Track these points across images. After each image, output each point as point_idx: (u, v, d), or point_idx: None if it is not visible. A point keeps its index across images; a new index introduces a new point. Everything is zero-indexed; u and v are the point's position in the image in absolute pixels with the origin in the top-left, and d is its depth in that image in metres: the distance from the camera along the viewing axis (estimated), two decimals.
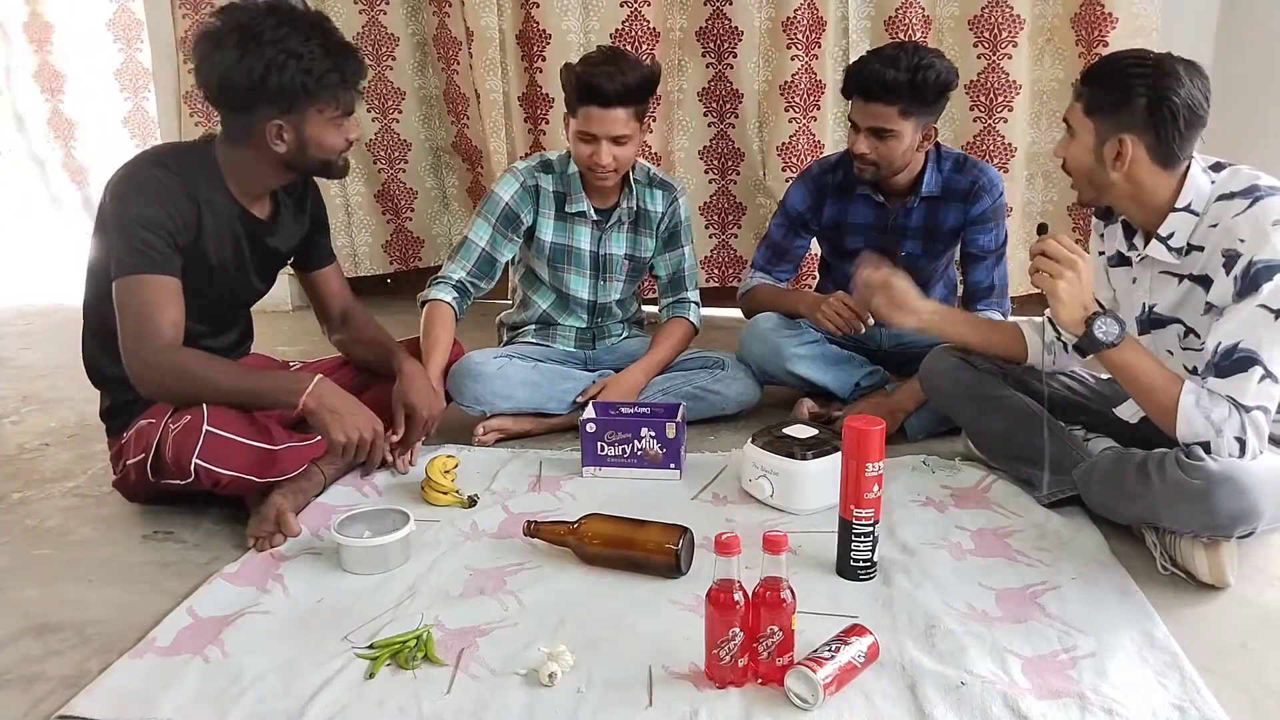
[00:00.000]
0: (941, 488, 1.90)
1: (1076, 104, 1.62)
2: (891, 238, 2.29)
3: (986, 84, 2.94)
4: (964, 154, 2.29)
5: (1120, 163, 1.56)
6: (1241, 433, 1.48)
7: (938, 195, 2.25)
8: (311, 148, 1.72)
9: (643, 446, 1.97)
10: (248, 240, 1.82)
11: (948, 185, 2.24)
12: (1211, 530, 1.49)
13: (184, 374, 1.64)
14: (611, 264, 2.34)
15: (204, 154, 1.76)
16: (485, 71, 3.13)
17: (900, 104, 2.06)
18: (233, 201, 1.77)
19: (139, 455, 1.73)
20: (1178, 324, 1.64)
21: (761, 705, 1.22)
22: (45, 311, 3.78)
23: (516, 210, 2.25)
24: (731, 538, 1.23)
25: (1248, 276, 1.47)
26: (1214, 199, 1.56)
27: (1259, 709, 1.23)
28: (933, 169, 2.23)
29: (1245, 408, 1.48)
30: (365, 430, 1.68)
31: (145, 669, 1.33)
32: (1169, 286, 1.64)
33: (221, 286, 1.81)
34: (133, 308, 1.63)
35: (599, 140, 2.10)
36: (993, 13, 2.87)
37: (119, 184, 1.68)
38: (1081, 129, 1.60)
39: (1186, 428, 1.51)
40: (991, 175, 2.24)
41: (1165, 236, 1.59)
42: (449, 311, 2.22)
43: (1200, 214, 1.56)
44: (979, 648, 1.33)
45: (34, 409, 2.58)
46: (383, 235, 3.65)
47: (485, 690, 1.27)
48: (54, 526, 1.84)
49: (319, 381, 1.67)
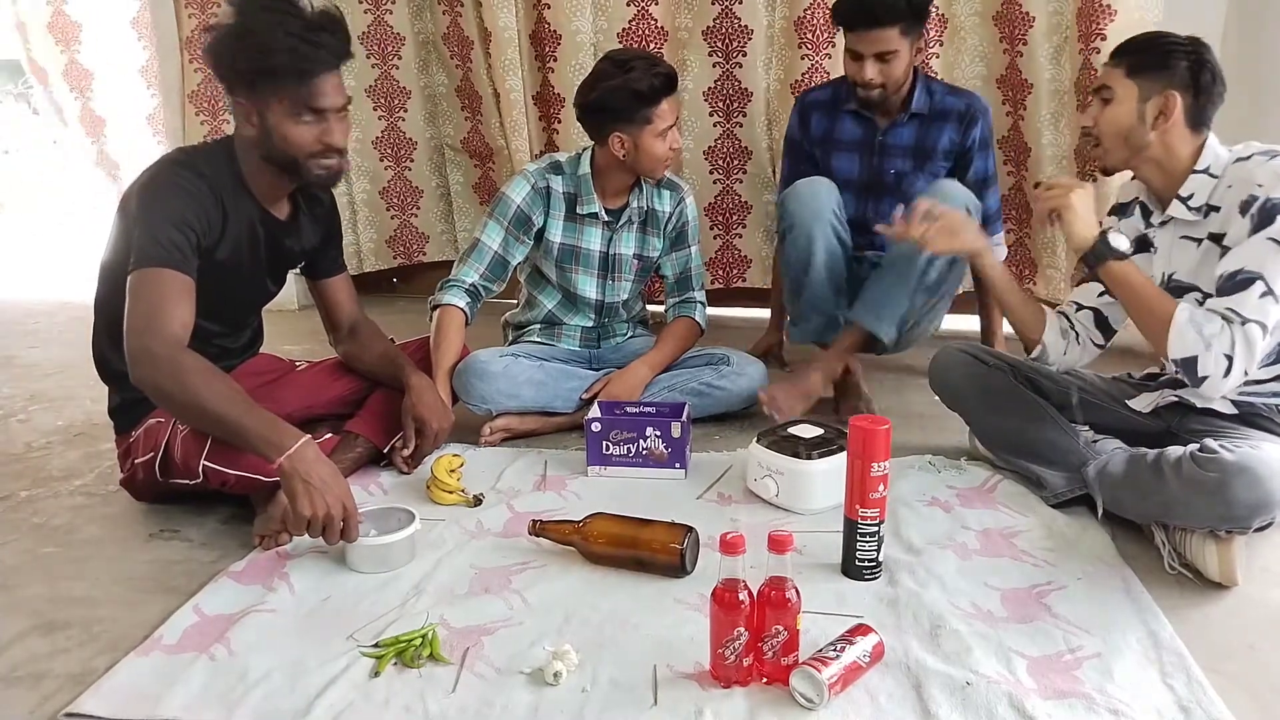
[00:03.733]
0: (947, 487, 1.90)
1: (1115, 69, 1.68)
2: (880, 156, 2.37)
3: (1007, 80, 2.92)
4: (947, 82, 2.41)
5: (1164, 118, 1.62)
6: (1230, 349, 1.52)
7: (927, 114, 2.32)
8: (276, 139, 1.67)
9: (648, 446, 1.97)
10: (266, 240, 1.82)
11: (941, 106, 2.32)
12: (1229, 523, 1.49)
13: (178, 377, 1.56)
14: (621, 264, 2.34)
15: (227, 155, 1.75)
16: (504, 71, 3.15)
17: (902, 23, 2.15)
18: (254, 202, 1.78)
19: (148, 454, 1.74)
20: (1195, 290, 1.67)
21: (766, 705, 1.22)
22: (53, 310, 3.79)
23: (528, 213, 2.26)
24: (736, 537, 1.23)
25: (1262, 212, 1.52)
26: (1231, 162, 1.62)
27: (1265, 709, 1.22)
28: (922, 87, 2.31)
29: (1242, 318, 1.52)
30: (334, 508, 1.53)
31: (152, 667, 1.34)
32: (1188, 251, 1.68)
33: (238, 287, 1.82)
34: (146, 297, 1.61)
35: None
36: (1009, 9, 2.85)
37: (147, 185, 1.68)
38: (1124, 89, 1.66)
39: (1178, 341, 1.55)
40: (983, 100, 2.36)
41: (1185, 197, 1.65)
42: (461, 316, 2.22)
43: (1219, 176, 1.63)
44: (984, 648, 1.33)
45: (41, 407, 2.59)
46: (387, 231, 3.69)
47: (490, 689, 1.27)
48: (61, 525, 1.85)
49: (303, 445, 1.55)
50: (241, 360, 1.96)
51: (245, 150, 1.74)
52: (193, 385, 1.56)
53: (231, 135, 1.78)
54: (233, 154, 1.75)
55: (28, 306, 3.92)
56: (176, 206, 1.65)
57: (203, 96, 3.42)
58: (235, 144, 1.76)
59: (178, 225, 1.64)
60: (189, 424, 1.66)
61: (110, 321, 1.77)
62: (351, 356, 2.07)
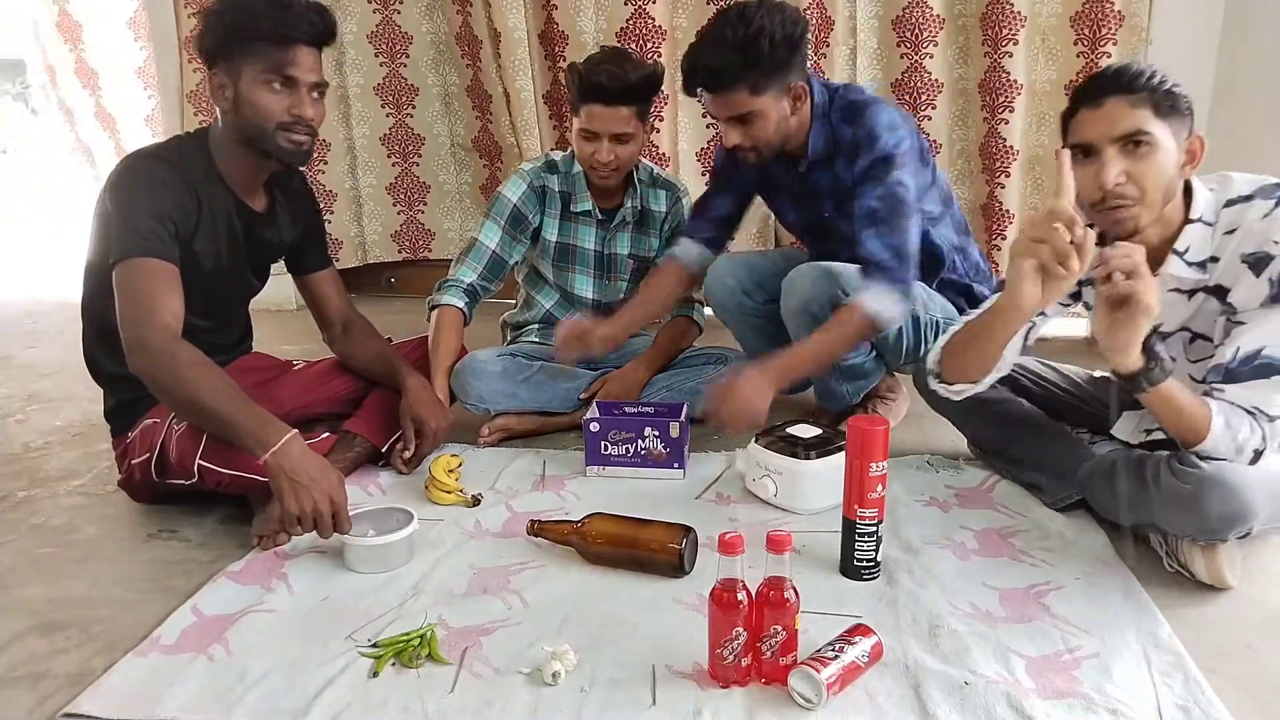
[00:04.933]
0: (945, 487, 1.90)
1: (1139, 110, 1.42)
2: (810, 200, 2.10)
3: (990, 84, 2.93)
4: (865, 98, 1.94)
5: (1191, 166, 1.46)
6: (1262, 444, 1.44)
7: (827, 155, 1.98)
8: (245, 107, 1.66)
9: (646, 446, 1.97)
10: (244, 232, 1.82)
11: (839, 138, 1.95)
12: (1205, 534, 1.47)
13: (173, 369, 1.57)
14: (616, 264, 2.34)
15: (199, 145, 1.76)
16: (515, 71, 3.18)
17: (745, 84, 1.83)
18: (228, 192, 1.77)
19: (143, 455, 1.73)
20: (1184, 332, 1.59)
21: (765, 705, 1.22)
22: (51, 310, 3.79)
23: (524, 211, 2.26)
24: (735, 537, 1.23)
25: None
26: (1222, 205, 1.48)
27: (1264, 709, 1.22)
28: (820, 126, 1.96)
29: (1270, 417, 1.43)
30: (321, 503, 1.54)
31: (150, 667, 1.34)
32: (1178, 305, 1.56)
33: (218, 280, 1.80)
34: (133, 290, 1.61)
35: (601, 138, 2.10)
36: (996, 9, 2.86)
37: (119, 178, 1.68)
38: (1161, 133, 1.42)
39: (1211, 448, 1.45)
40: (872, 126, 1.88)
41: (1182, 251, 1.49)
42: (459, 316, 2.22)
43: (1213, 224, 1.49)
44: (983, 648, 1.33)
45: (39, 407, 2.59)
46: (393, 225, 3.73)
47: (489, 689, 1.27)
48: (59, 525, 1.85)
49: (289, 440, 1.56)
50: (233, 357, 1.96)
51: (220, 138, 1.74)
52: (186, 377, 1.57)
53: (205, 128, 1.79)
54: (205, 146, 1.76)
55: (26, 306, 3.92)
56: (151, 197, 1.65)
57: (201, 96, 3.42)
58: (210, 135, 1.76)
59: (155, 216, 1.64)
60: (182, 416, 1.66)
61: (97, 323, 1.76)
62: (347, 355, 2.07)
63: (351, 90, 3.54)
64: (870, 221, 1.88)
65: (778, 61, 1.81)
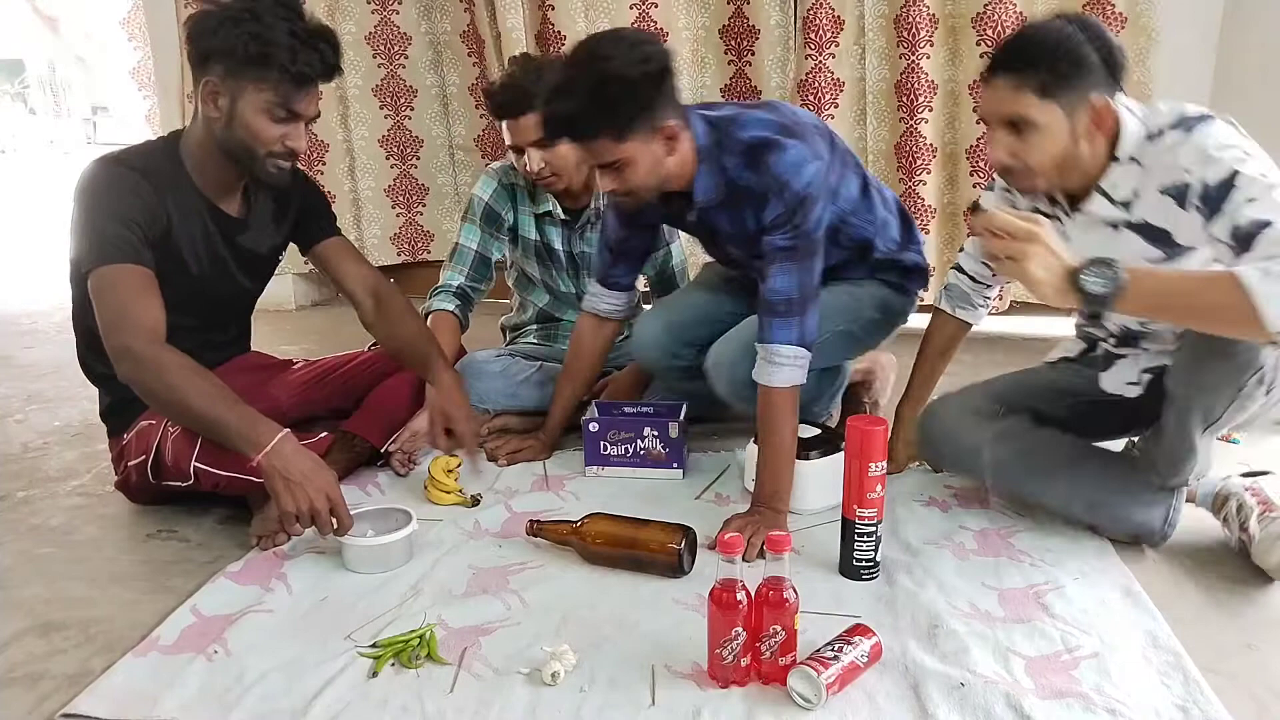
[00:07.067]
0: (944, 487, 1.90)
1: (1021, 93, 1.42)
2: (712, 237, 1.92)
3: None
4: (764, 138, 1.70)
5: (1098, 128, 1.44)
6: None
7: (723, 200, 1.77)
8: (239, 126, 1.64)
9: (645, 446, 1.97)
10: (221, 237, 1.79)
11: (738, 182, 1.73)
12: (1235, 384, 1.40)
13: (160, 374, 1.55)
14: (587, 264, 2.33)
15: (167, 150, 1.73)
16: None
17: (606, 132, 1.61)
18: (198, 195, 1.74)
19: (140, 457, 1.73)
20: None
21: (764, 705, 1.22)
22: (49, 310, 3.79)
23: (497, 209, 2.27)
24: (734, 537, 1.23)
25: (1208, 200, 1.34)
26: (1143, 140, 1.45)
27: (1263, 709, 1.22)
28: (708, 171, 1.73)
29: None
30: (317, 500, 1.53)
31: (149, 667, 1.34)
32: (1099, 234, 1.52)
33: (201, 283, 1.78)
34: (110, 298, 1.59)
35: (523, 150, 2.09)
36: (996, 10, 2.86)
37: (84, 187, 1.65)
38: (1045, 115, 1.42)
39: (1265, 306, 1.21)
40: (779, 173, 1.67)
41: (1107, 190, 1.48)
42: (452, 320, 2.22)
43: (1140, 160, 1.45)
44: (982, 648, 1.33)
45: (38, 408, 2.59)
46: (391, 228, 3.73)
47: (488, 689, 1.27)
48: (58, 525, 1.85)
49: (281, 440, 1.55)
50: (227, 356, 1.94)
51: (193, 143, 1.72)
52: (174, 382, 1.56)
53: (173, 132, 1.78)
54: (173, 150, 1.73)
55: (25, 306, 3.92)
56: (115, 201, 1.63)
57: None
58: (184, 138, 1.74)
59: (122, 221, 1.62)
60: (173, 420, 1.66)
61: (85, 328, 1.75)
62: (383, 336, 1.97)
63: (350, 92, 3.53)
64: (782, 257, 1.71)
65: (640, 103, 1.60)
